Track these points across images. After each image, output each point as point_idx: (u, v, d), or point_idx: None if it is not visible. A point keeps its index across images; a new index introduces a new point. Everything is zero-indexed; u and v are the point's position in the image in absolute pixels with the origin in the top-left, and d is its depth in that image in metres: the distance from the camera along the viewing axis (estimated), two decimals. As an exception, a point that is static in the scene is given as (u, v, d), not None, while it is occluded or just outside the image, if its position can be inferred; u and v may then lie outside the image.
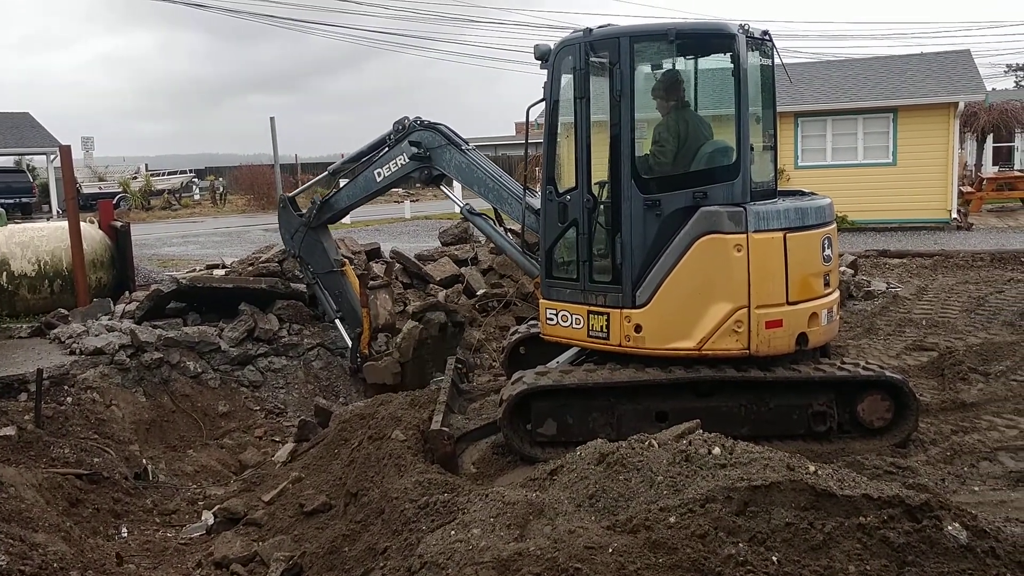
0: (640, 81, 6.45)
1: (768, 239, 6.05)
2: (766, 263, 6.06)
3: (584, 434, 5.96)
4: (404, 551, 4.50)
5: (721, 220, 6.05)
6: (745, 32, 6.20)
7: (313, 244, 9.19)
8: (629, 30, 6.35)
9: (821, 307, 6.35)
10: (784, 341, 6.16)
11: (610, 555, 3.66)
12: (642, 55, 6.46)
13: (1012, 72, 65.39)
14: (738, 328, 6.08)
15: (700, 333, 6.15)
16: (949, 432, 6.65)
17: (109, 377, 8.95)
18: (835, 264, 6.69)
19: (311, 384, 10.29)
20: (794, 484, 3.88)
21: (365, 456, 6.31)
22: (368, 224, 27.41)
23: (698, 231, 6.10)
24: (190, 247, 22.39)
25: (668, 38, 6.31)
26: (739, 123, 6.15)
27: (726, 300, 6.09)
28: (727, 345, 6.12)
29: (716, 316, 6.10)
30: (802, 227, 6.22)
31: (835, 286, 6.68)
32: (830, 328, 6.52)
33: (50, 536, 5.86)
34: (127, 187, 40.71)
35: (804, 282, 6.22)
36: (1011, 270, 13.78)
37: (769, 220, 6.09)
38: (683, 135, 6.51)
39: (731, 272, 6.06)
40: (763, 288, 6.07)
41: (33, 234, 12.05)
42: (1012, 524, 4.49)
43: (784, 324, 6.13)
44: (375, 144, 8.57)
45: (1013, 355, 8.46)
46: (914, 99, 21.15)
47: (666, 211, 6.22)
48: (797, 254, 6.13)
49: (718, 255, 6.08)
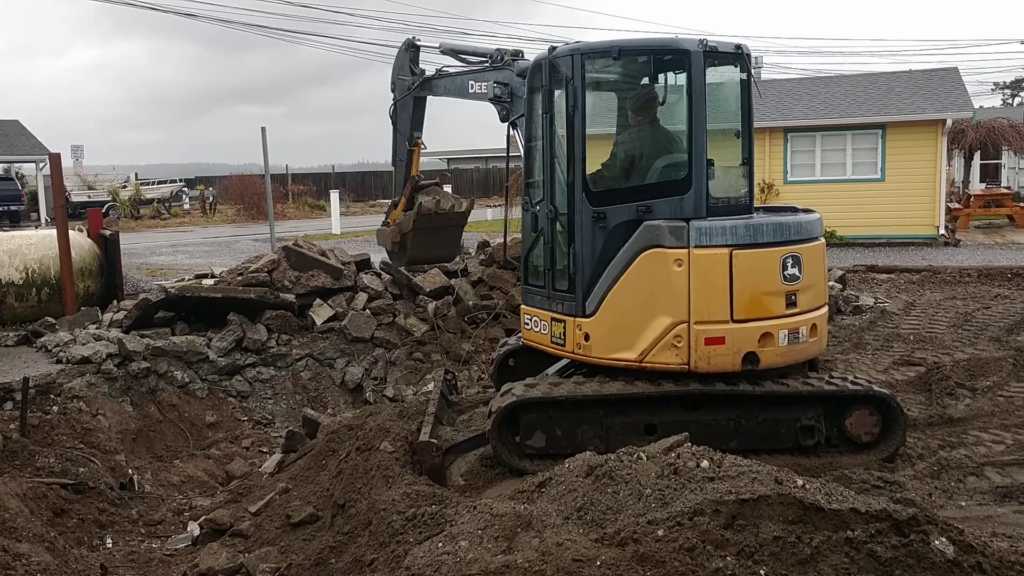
0: (593, 97, 6.58)
1: (710, 255, 6.02)
2: (708, 279, 6.02)
3: (573, 447, 5.95)
4: (391, 563, 4.49)
5: (662, 234, 6.11)
6: (704, 47, 6.24)
7: (405, 106, 9.28)
8: (580, 47, 6.45)
9: (778, 327, 6.15)
10: (727, 359, 6.07)
11: (598, 568, 3.65)
12: (593, 72, 6.52)
13: (999, 90, 65.98)
14: (677, 343, 6.09)
15: (641, 345, 6.19)
16: (936, 447, 6.68)
17: (96, 386, 8.90)
18: (812, 283, 6.38)
19: (299, 395, 10.26)
20: (782, 498, 3.88)
21: (353, 467, 6.29)
22: (358, 235, 27.39)
23: (641, 245, 6.18)
24: (179, 256, 22.33)
25: (611, 55, 6.39)
26: (691, 138, 6.21)
27: (666, 314, 6.10)
28: (666, 359, 6.13)
29: (657, 329, 6.14)
30: (753, 244, 6.09)
31: (809, 306, 6.37)
32: (797, 349, 6.28)
33: (34, 546, 5.81)
34: (116, 196, 40.55)
35: (755, 300, 6.09)
36: (998, 286, 13.86)
37: (713, 236, 6.04)
38: (640, 149, 6.62)
39: (671, 287, 6.08)
40: (703, 304, 6.04)
41: (21, 242, 12.01)
42: (998, 539, 4.51)
43: (727, 342, 6.05)
44: (484, 53, 8.42)
45: (1000, 370, 8.51)
46: (902, 116, 21.33)
47: (611, 224, 6.33)
48: (746, 272, 6.03)
49: (659, 269, 6.11)
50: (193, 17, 25.38)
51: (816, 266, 6.48)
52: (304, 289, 11.16)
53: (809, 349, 6.43)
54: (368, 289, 11.53)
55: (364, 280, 11.69)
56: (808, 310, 6.37)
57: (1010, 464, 6.27)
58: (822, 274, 6.63)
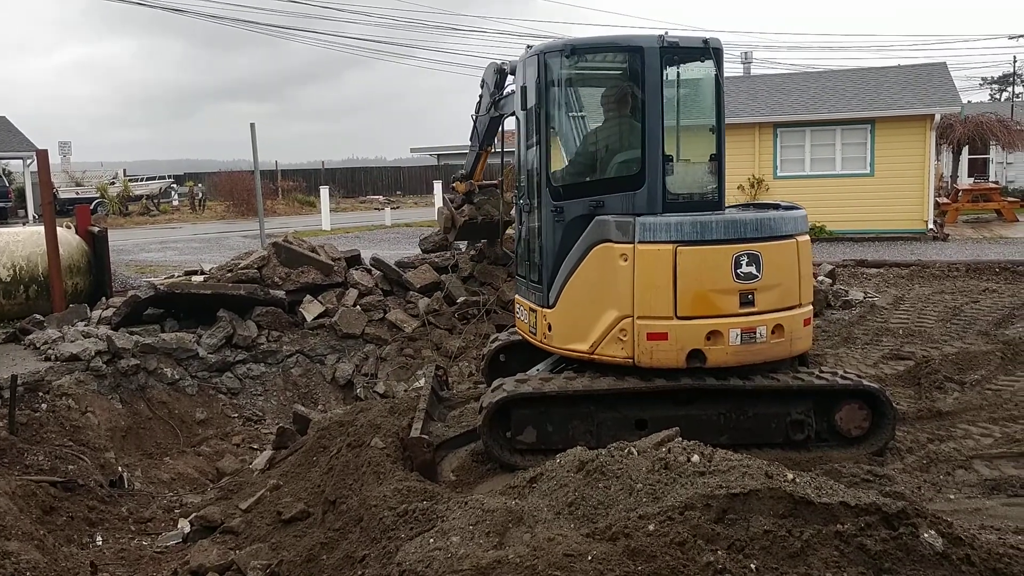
0: (562, 94, 6.70)
1: (653, 251, 6.04)
2: (650, 274, 6.06)
3: (564, 442, 5.96)
4: (383, 559, 4.48)
5: (610, 229, 6.21)
6: (663, 43, 6.26)
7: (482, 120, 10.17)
8: (545, 47, 6.57)
9: (728, 326, 6.07)
10: (670, 355, 6.08)
11: (589, 563, 3.66)
12: (560, 70, 6.58)
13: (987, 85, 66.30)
14: (623, 336, 6.17)
15: (592, 337, 6.31)
16: (925, 440, 6.71)
17: (85, 384, 8.86)
18: (777, 282, 6.22)
19: (289, 391, 10.24)
20: (772, 492, 3.90)
21: (344, 464, 6.28)
22: (348, 231, 27.34)
23: (592, 239, 6.30)
24: (168, 253, 22.24)
25: (564, 53, 6.47)
26: (645, 133, 6.29)
27: (614, 308, 6.20)
28: (613, 352, 6.23)
29: (605, 322, 6.24)
30: (699, 241, 6.05)
31: (772, 306, 6.20)
32: (754, 350, 6.16)
33: (23, 544, 5.79)
34: (105, 192, 40.30)
35: (701, 297, 6.06)
36: (986, 280, 13.92)
37: (657, 232, 6.05)
38: (604, 144, 6.75)
39: (618, 281, 6.16)
40: (646, 299, 6.09)
41: (8, 239, 11.94)
42: (987, 531, 4.54)
43: (670, 338, 6.06)
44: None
45: (988, 364, 8.55)
46: (891, 111, 21.40)
47: (567, 218, 6.48)
48: (691, 269, 6.02)
49: (608, 263, 6.21)
50: (183, 13, 25.25)
51: (785, 265, 6.29)
52: (294, 285, 11.14)
53: (773, 350, 6.26)
54: (358, 285, 11.50)
55: (354, 276, 11.66)
56: (770, 310, 6.21)
57: (998, 457, 6.30)
58: (795, 273, 6.37)
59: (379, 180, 56.65)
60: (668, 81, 6.41)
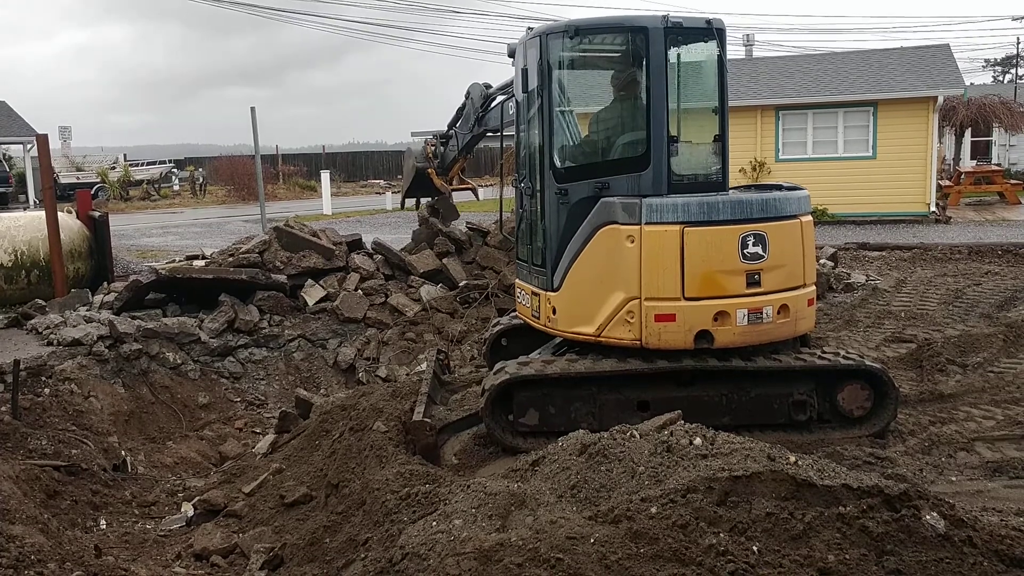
0: (567, 76, 6.69)
1: (661, 232, 6.03)
2: (658, 256, 6.05)
3: (566, 424, 5.97)
4: (385, 542, 4.49)
5: (616, 211, 6.19)
6: (666, 24, 6.22)
7: (466, 137, 10.24)
8: (547, 28, 6.51)
9: (736, 306, 6.10)
10: (678, 336, 6.08)
11: (592, 545, 3.66)
12: (562, 51, 6.54)
13: (990, 67, 65.94)
14: (630, 318, 6.15)
15: (599, 319, 6.29)
16: (927, 423, 6.71)
17: (87, 368, 8.87)
18: (783, 263, 6.25)
19: (292, 375, 10.25)
20: (775, 474, 3.90)
21: (346, 447, 6.29)
22: (349, 216, 27.31)
23: (598, 221, 6.27)
24: (169, 238, 22.22)
25: (567, 34, 6.42)
26: (649, 114, 6.26)
27: (621, 290, 6.18)
28: (620, 334, 6.21)
29: (612, 304, 6.22)
30: (706, 222, 6.06)
31: (778, 286, 6.23)
32: (760, 330, 6.18)
33: (27, 528, 5.80)
34: (105, 177, 40.24)
35: (708, 278, 6.06)
36: (988, 263, 13.90)
37: (664, 213, 6.05)
38: (609, 126, 6.73)
39: (624, 263, 6.14)
40: (654, 280, 6.07)
41: (9, 224, 11.91)
42: (989, 513, 4.54)
43: (678, 319, 6.06)
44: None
45: (990, 347, 8.55)
46: (894, 93, 21.31)
47: (571, 200, 6.45)
48: (698, 249, 6.02)
49: (614, 245, 6.19)
50: (181, -5, 25.05)
51: (790, 245, 6.32)
52: (296, 270, 11.13)
53: (778, 330, 6.30)
54: (360, 269, 11.49)
55: (356, 260, 11.65)
56: (776, 290, 6.24)
57: (1000, 439, 6.31)
58: (799, 253, 6.41)
59: (380, 164, 56.51)
60: (672, 62, 6.38)
